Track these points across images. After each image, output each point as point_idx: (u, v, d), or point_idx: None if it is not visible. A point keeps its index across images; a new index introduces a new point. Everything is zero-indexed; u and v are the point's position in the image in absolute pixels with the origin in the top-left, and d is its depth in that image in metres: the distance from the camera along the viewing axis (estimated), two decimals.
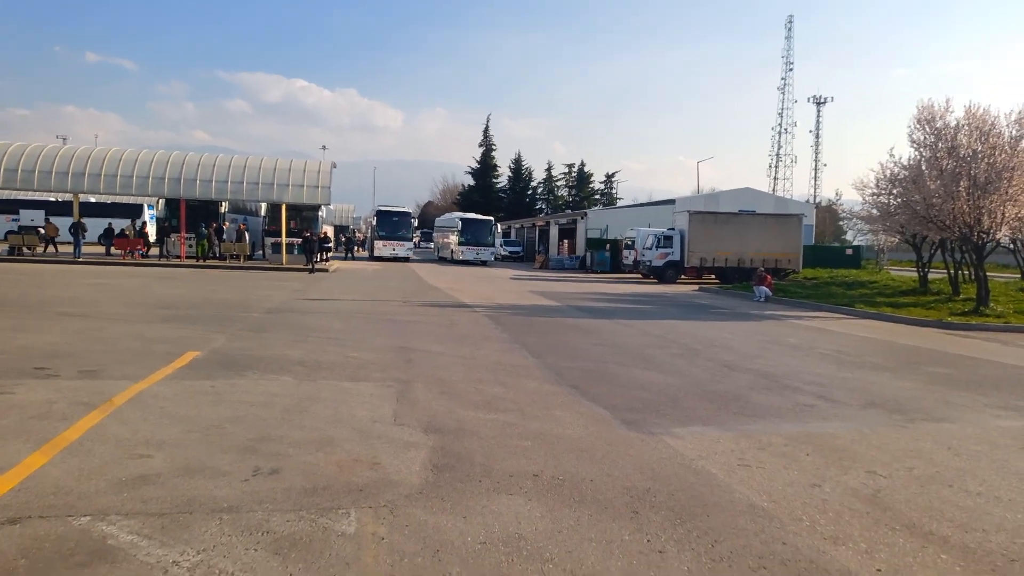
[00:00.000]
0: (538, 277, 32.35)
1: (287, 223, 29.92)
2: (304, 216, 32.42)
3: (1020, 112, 17.41)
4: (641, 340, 11.92)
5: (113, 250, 30.33)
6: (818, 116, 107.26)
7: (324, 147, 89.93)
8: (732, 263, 31.21)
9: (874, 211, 22.50)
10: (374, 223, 43.80)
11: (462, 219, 44.59)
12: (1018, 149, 17.11)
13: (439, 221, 56.71)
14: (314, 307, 14.82)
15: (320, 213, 33.59)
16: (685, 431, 6.06)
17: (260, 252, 32.22)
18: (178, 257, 29.54)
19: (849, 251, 42.62)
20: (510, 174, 77.88)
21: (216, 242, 30.27)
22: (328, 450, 5.10)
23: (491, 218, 46.08)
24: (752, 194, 48.09)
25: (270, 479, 4.48)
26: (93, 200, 39.57)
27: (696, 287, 28.62)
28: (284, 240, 29.85)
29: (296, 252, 30.04)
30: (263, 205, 33.54)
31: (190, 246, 29.84)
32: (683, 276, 31.97)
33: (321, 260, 31.52)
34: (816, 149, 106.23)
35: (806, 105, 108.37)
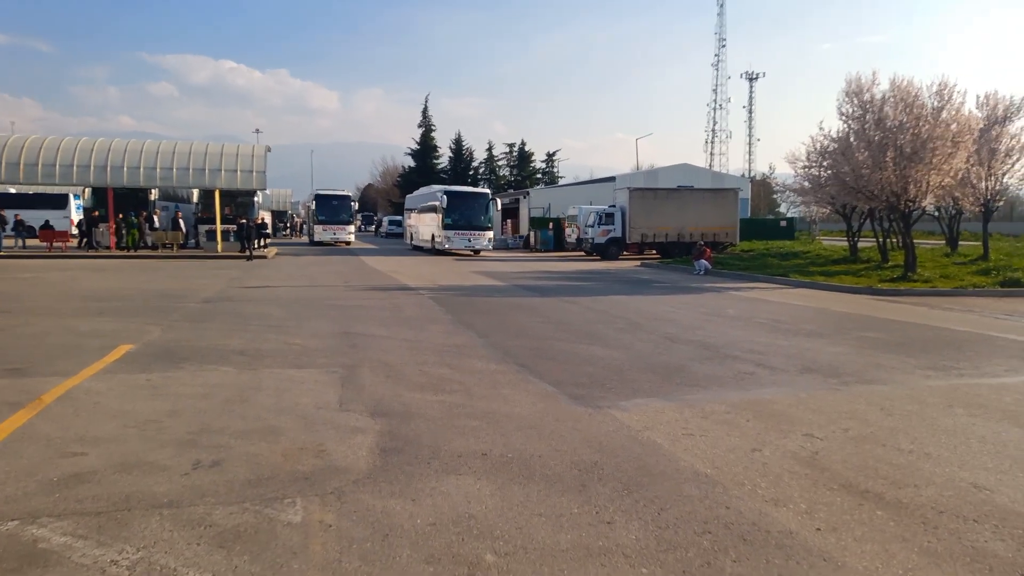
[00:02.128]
0: (482, 257, 32.30)
1: (221, 210, 29.05)
2: (239, 202, 31.53)
3: (941, 83, 18.09)
4: (586, 316, 12.02)
5: (39, 242, 28.98)
6: (751, 92, 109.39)
7: (258, 130, 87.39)
8: (672, 238, 31.73)
9: (806, 183, 23.16)
10: (313, 207, 42.83)
11: (447, 193, 33.11)
12: (940, 120, 17.79)
13: (412, 199, 42.49)
14: (253, 295, 14.46)
15: (256, 199, 32.72)
16: (631, 404, 6.14)
17: (193, 240, 31.23)
18: (107, 248, 28.39)
19: (783, 223, 43.80)
20: (451, 154, 77.17)
21: (147, 231, 29.20)
22: (272, 439, 4.99)
23: (487, 191, 35.17)
24: (690, 170, 48.94)
25: (212, 472, 4.36)
26: (13, 191, 37.61)
27: (638, 263, 29.02)
28: (219, 227, 28.98)
29: (232, 239, 29.22)
30: (195, 192, 32.48)
31: (120, 236, 28.71)
32: (625, 252, 32.37)
33: (259, 247, 30.76)
34: (750, 124, 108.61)
35: (739, 81, 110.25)
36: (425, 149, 76.12)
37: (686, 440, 5.14)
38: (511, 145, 78.93)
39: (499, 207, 36.34)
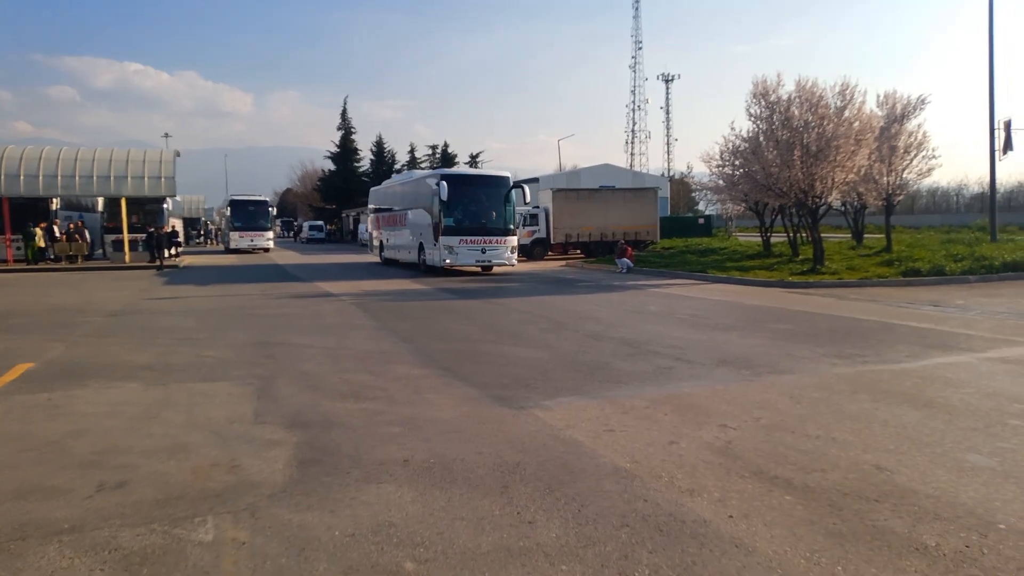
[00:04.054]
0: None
1: (129, 218, 27.79)
2: (147, 210, 30.23)
3: (844, 84, 19.01)
4: (511, 317, 12.06)
5: None
6: (667, 93, 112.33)
7: (167, 135, 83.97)
8: (596, 237, 32.22)
9: (720, 182, 23.96)
10: (228, 214, 41.48)
11: (447, 178, 21.00)
12: (843, 119, 18.68)
13: (381, 192, 30.06)
14: (163, 306, 13.88)
15: (165, 206, 31.41)
16: (554, 403, 6.19)
17: (100, 251, 29.75)
18: (4, 261, 26.73)
19: (701, 221, 45.16)
20: (372, 157, 76.10)
21: (48, 243, 27.64)
22: (181, 457, 4.79)
23: (507, 174, 22.79)
24: (611, 170, 49.89)
25: (117, 493, 4.15)
26: None
27: (563, 263, 29.34)
28: (126, 236, 27.71)
29: (141, 249, 28.00)
30: (100, 200, 30.96)
31: (17, 248, 27.07)
32: (550, 253, 32.66)
33: (170, 256, 29.57)
34: (667, 125, 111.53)
35: (656, 83, 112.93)
36: (346, 152, 74.86)
37: (607, 436, 5.21)
38: (433, 147, 78.52)
39: (527, 198, 24.04)
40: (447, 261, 21.07)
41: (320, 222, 70.00)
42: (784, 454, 4.79)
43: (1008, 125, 27.10)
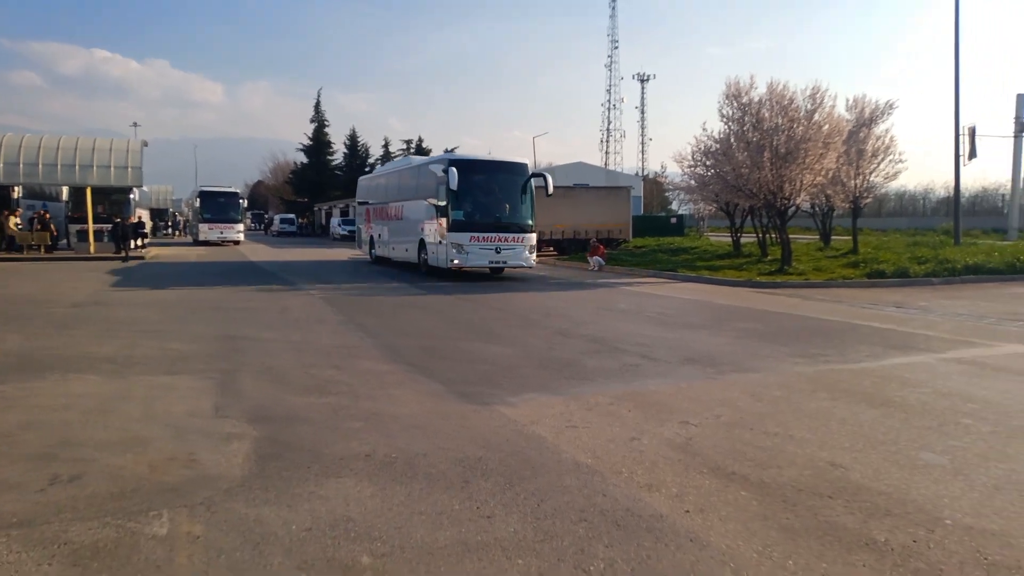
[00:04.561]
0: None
1: (94, 208, 27.26)
2: (114, 200, 29.70)
3: (814, 87, 19.29)
4: (481, 314, 12.06)
5: None
6: (643, 93, 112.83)
7: (135, 124, 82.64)
8: (568, 235, 32.29)
9: (692, 182, 24.16)
10: (197, 205, 40.86)
11: (456, 164, 18.05)
12: (813, 122, 18.95)
13: (372, 181, 26.82)
14: (127, 298, 13.65)
15: (132, 196, 30.87)
16: (519, 399, 6.20)
17: (64, 241, 29.15)
18: None
19: (673, 220, 45.49)
20: (345, 151, 75.46)
21: (10, 232, 27.01)
22: (139, 450, 4.72)
23: (524, 161, 19.98)
24: (585, 168, 50.08)
25: (70, 487, 4.08)
26: None
27: (535, 259, 29.35)
28: (91, 227, 27.18)
29: (106, 240, 27.48)
30: (64, 189, 30.33)
31: None
32: None
33: (136, 247, 29.07)
34: (642, 124, 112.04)
35: (632, 82, 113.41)
36: (318, 145, 74.17)
37: (569, 432, 5.24)
38: (408, 141, 78.03)
39: (551, 188, 19.24)
40: (455, 262, 17.99)
41: (291, 215, 69.23)
42: (742, 451, 4.85)
43: (972, 132, 27.71)
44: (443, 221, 18.15)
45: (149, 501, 3.90)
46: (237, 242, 39.96)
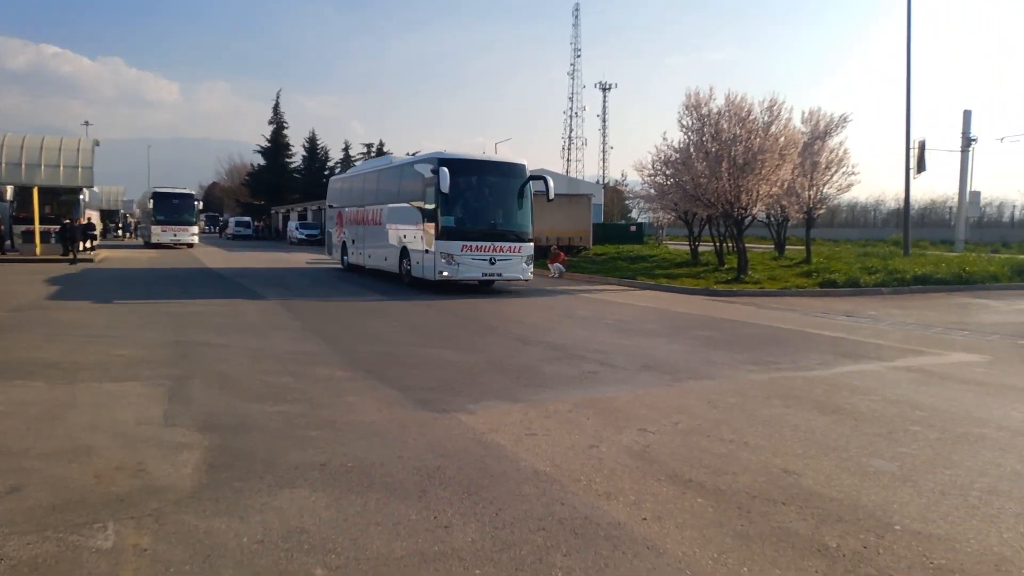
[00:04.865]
0: (338, 261, 31.34)
1: (41, 208, 26.40)
2: (62, 200, 28.78)
3: (772, 100, 19.70)
4: (441, 320, 11.99)
5: None
6: (604, 101, 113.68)
7: (87, 123, 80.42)
8: None
9: (652, 191, 24.43)
10: (151, 206, 39.83)
11: (447, 163, 16.00)
12: (769, 134, 19.34)
13: (342, 182, 25.48)
14: (74, 302, 13.23)
15: (82, 196, 29.96)
16: (478, 406, 6.17)
17: (9, 242, 28.16)
18: None
19: (633, 228, 45.91)
20: (305, 153, 74.34)
21: None
22: (84, 460, 4.56)
23: (522, 162, 18.03)
24: (547, 175, 50.12)
25: (9, 499, 3.92)
26: None
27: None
28: (37, 228, 26.32)
29: (53, 241, 26.62)
30: (9, 188, 29.30)
31: None
32: None
33: (84, 249, 28.22)
34: (604, 132, 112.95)
35: (594, 90, 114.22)
36: (277, 147, 72.96)
37: (528, 440, 5.23)
38: (369, 145, 77.30)
39: (551, 195, 17.61)
40: (444, 273, 16.12)
41: (247, 218, 67.95)
42: (699, 458, 4.90)
43: (922, 146, 28.64)
44: (431, 227, 16.34)
45: (94, 513, 3.76)
46: (191, 245, 39.07)
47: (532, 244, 17.44)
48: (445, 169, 15.49)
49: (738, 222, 20.60)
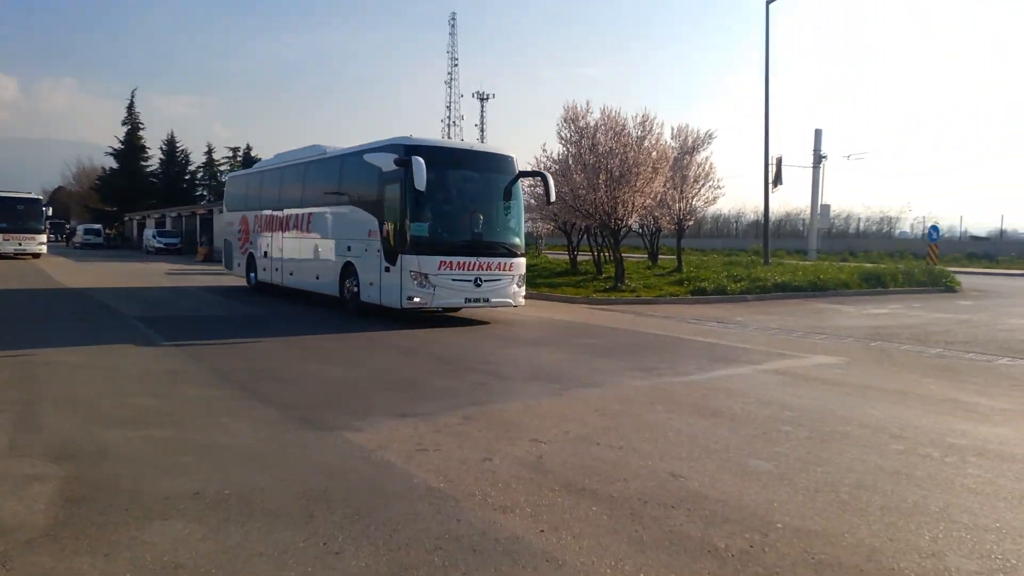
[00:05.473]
0: (201, 271, 29.67)
1: None
2: None
3: (644, 115, 20.51)
4: (317, 331, 11.57)
5: None
6: (482, 111, 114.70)
7: None
8: None
9: (532, 201, 24.80)
10: None
11: (420, 151, 12.28)
12: (643, 148, 20.13)
13: (249, 178, 21.56)
14: None
15: None
16: (364, 423, 5.95)
17: None
18: None
19: None
20: (163, 156, 70.08)
21: None
22: None
23: (510, 155, 14.11)
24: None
25: None
26: None
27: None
28: None
29: None
30: None
31: None
32: None
33: None
34: (482, 142, 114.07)
35: (472, 100, 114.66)
36: (131, 149, 68.21)
37: (420, 456, 5.09)
38: (235, 149, 73.87)
39: (552, 196, 14.49)
40: (415, 299, 12.23)
41: (98, 226, 63.03)
42: (591, 466, 4.94)
43: (779, 162, 30.79)
44: (394, 237, 12.59)
45: None
46: (37, 255, 35.80)
47: (524, 260, 13.82)
48: (420, 160, 11.74)
49: (615, 232, 21.27)
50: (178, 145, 70.86)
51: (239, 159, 72.09)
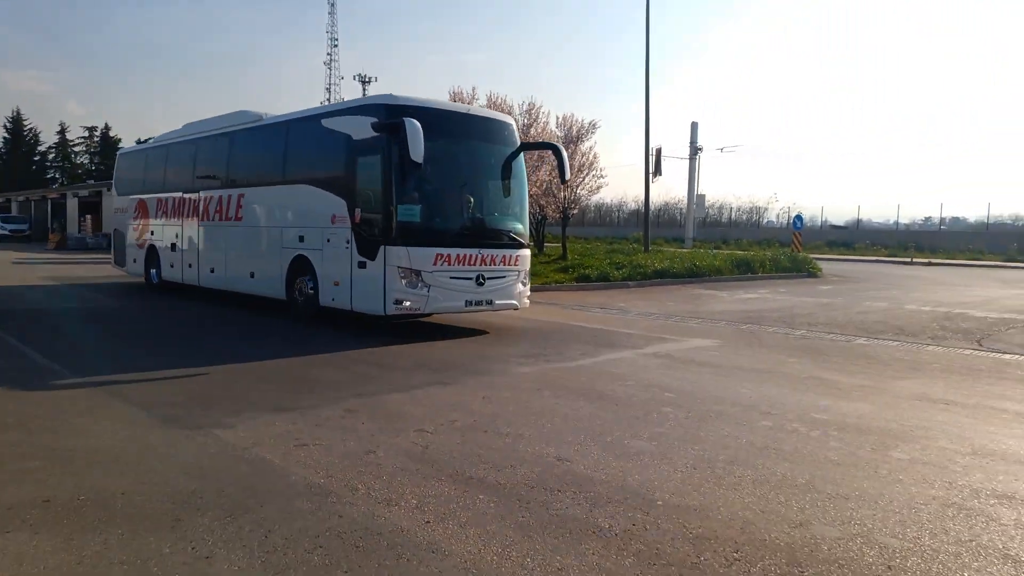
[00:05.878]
0: (53, 260, 27.33)
1: None
2: None
3: (530, 104, 20.78)
4: (179, 318, 10.92)
5: None
6: (364, 94, 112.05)
7: None
8: None
9: None
10: None
11: (414, 111, 9.65)
12: (529, 136, 20.32)
13: (150, 154, 17.46)
14: None
15: None
16: (237, 419, 5.63)
17: None
18: None
19: None
20: (7, 135, 64.24)
21: None
22: None
23: (509, 120, 11.88)
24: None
25: None
26: None
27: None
28: None
29: None
30: None
31: None
32: None
33: None
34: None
35: (353, 83, 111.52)
36: None
37: (299, 452, 4.87)
38: (92, 128, 68.81)
39: (567, 173, 12.13)
40: (405, 303, 9.75)
41: None
42: (478, 454, 4.90)
43: (659, 153, 31.96)
44: (371, 223, 10.00)
45: None
46: None
47: (529, 252, 11.54)
48: (416, 123, 9.14)
49: None
50: (25, 123, 65.10)
51: (96, 140, 67.06)
